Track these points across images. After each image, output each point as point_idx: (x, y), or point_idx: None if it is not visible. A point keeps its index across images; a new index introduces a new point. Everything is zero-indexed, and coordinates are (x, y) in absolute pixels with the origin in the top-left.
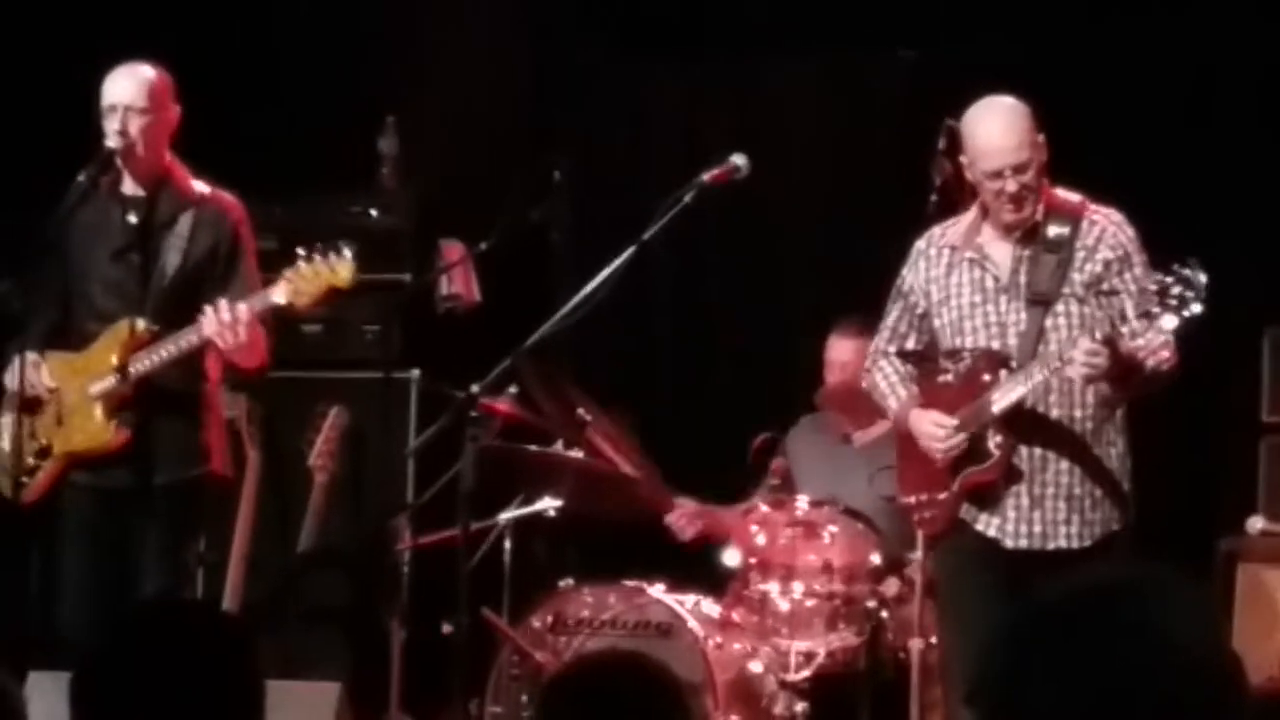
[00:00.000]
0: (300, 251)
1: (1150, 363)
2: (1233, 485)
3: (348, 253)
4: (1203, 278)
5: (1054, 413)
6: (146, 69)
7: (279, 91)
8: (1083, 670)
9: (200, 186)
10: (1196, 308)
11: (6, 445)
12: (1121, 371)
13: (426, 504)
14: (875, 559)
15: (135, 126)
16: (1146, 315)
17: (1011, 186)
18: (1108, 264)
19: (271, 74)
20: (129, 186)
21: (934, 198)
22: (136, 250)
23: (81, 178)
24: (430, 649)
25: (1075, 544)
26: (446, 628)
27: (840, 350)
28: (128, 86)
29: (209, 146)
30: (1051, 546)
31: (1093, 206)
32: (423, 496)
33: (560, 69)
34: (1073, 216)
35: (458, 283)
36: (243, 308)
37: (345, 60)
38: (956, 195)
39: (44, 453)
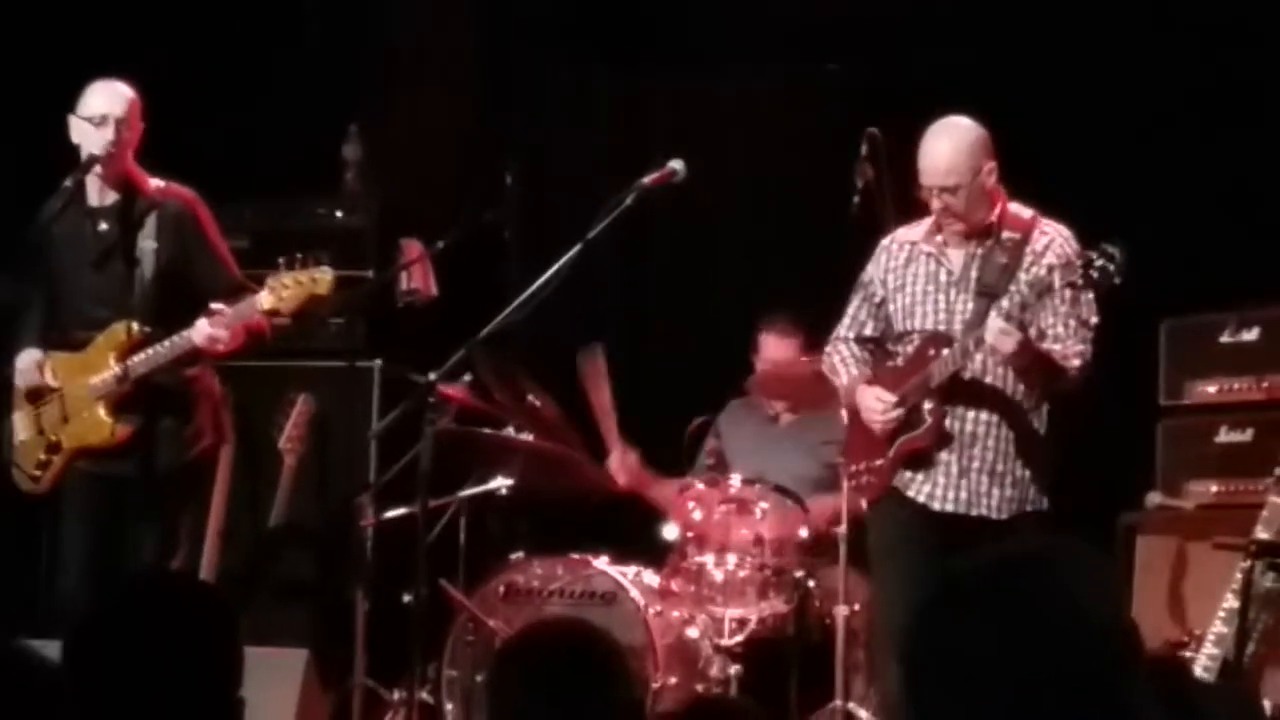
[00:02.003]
0: (281, 261)
1: (1059, 363)
2: (1133, 464)
3: (327, 265)
4: (1122, 256)
5: (985, 396)
6: (128, 89)
7: (250, 100)
8: (1001, 629)
9: (156, 183)
10: (1116, 280)
11: (19, 439)
12: (1030, 359)
13: (388, 483)
14: (803, 533)
15: (120, 137)
16: (1071, 285)
17: (936, 204)
18: (1051, 269)
19: (243, 84)
20: (94, 197)
21: (856, 199)
22: (115, 258)
23: (67, 183)
24: (391, 618)
25: (995, 515)
26: (406, 598)
27: (771, 348)
28: (116, 99)
29: (184, 151)
30: (975, 513)
31: (1044, 221)
32: (384, 476)
33: (513, 79)
34: (1025, 227)
35: (417, 279)
36: (229, 321)
37: (312, 71)
38: (877, 198)
39: (54, 448)
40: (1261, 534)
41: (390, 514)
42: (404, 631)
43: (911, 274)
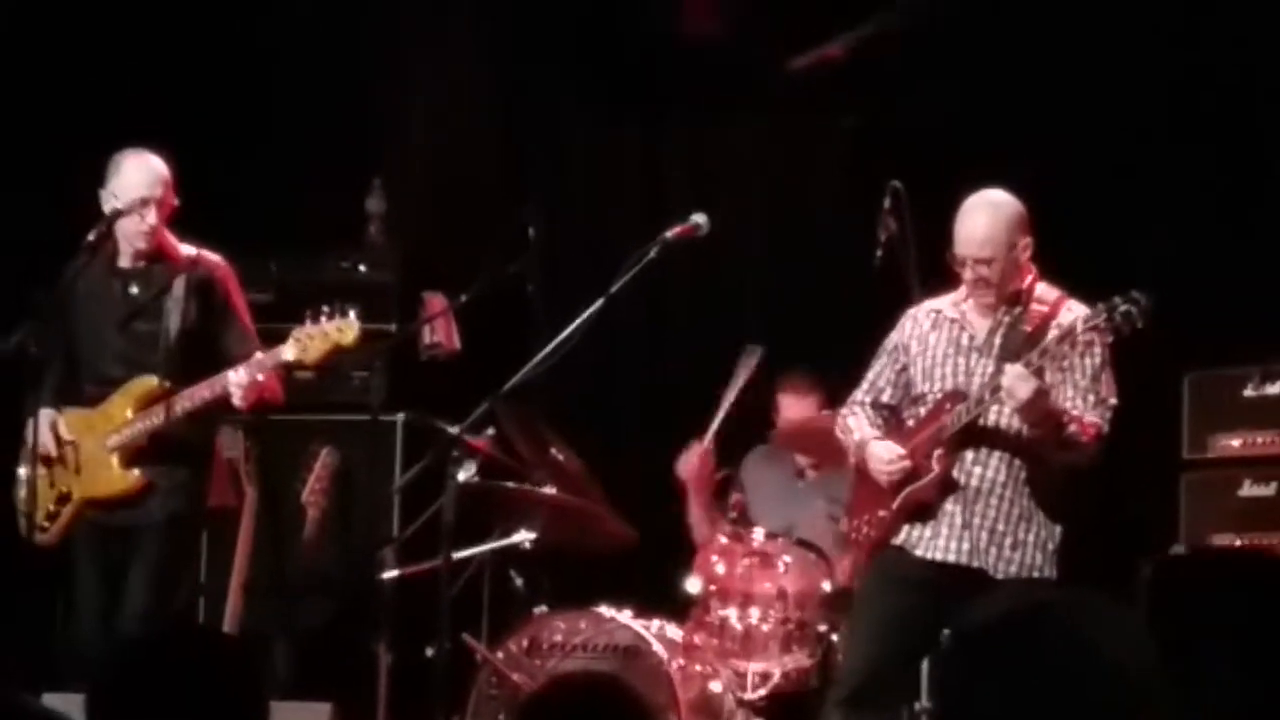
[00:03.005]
0: (308, 313)
1: (1072, 428)
2: (1156, 518)
3: (353, 315)
4: (1147, 301)
5: (995, 454)
6: (161, 164)
7: (275, 156)
8: (1021, 679)
9: (187, 250)
10: (1139, 325)
11: (23, 493)
12: (1043, 412)
13: (411, 537)
14: (826, 586)
15: (160, 216)
16: (1095, 329)
17: (969, 275)
18: (1074, 345)
19: (267, 139)
20: (125, 260)
21: (879, 253)
22: (141, 319)
23: (91, 238)
24: (414, 671)
25: (993, 573)
26: (429, 651)
27: (789, 408)
28: (153, 182)
29: (210, 207)
30: (975, 565)
31: (1070, 300)
32: (407, 530)
33: (534, 134)
34: (1052, 306)
35: (440, 332)
36: (250, 372)
37: (336, 127)
38: (899, 251)
39: (63, 499)
40: None
41: (413, 568)
42: (427, 685)
43: (934, 339)
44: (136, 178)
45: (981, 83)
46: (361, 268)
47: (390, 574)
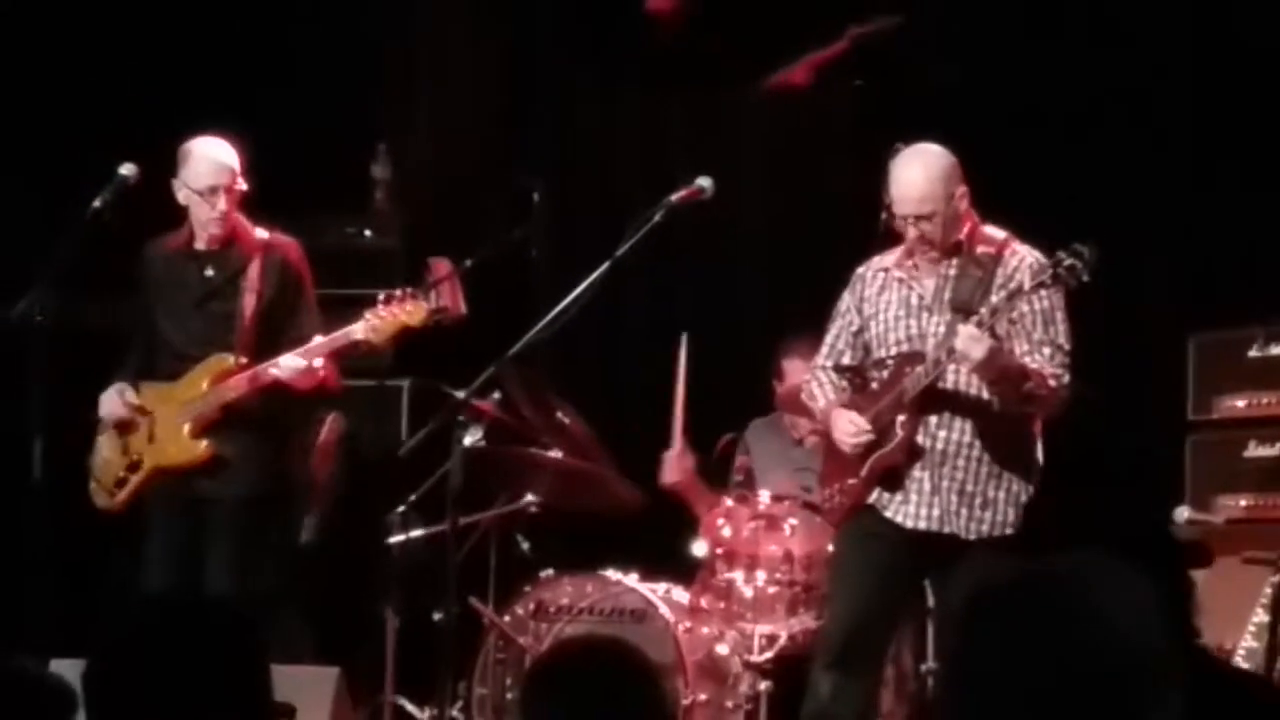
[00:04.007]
0: (381, 296)
1: (1030, 382)
2: (1162, 479)
3: (421, 299)
4: (1090, 253)
5: (958, 415)
6: (230, 151)
7: (278, 120)
8: (1031, 649)
9: (261, 234)
10: (1085, 278)
11: (103, 457)
12: (999, 369)
13: (417, 501)
14: (832, 548)
15: (229, 202)
16: (1041, 285)
17: (912, 232)
18: (1020, 271)
19: (272, 105)
20: (201, 243)
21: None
22: (216, 300)
23: (97, 204)
24: (422, 635)
25: (964, 535)
26: (436, 615)
27: (795, 372)
28: (223, 171)
29: None
30: (947, 530)
31: (1016, 242)
32: (414, 495)
33: (539, 99)
34: (997, 248)
35: (445, 297)
36: (309, 357)
37: (342, 93)
38: None
39: (134, 466)
40: None
41: (420, 532)
42: (434, 649)
43: (885, 301)
44: (204, 167)
45: (986, 46)
46: (367, 233)
47: (397, 539)
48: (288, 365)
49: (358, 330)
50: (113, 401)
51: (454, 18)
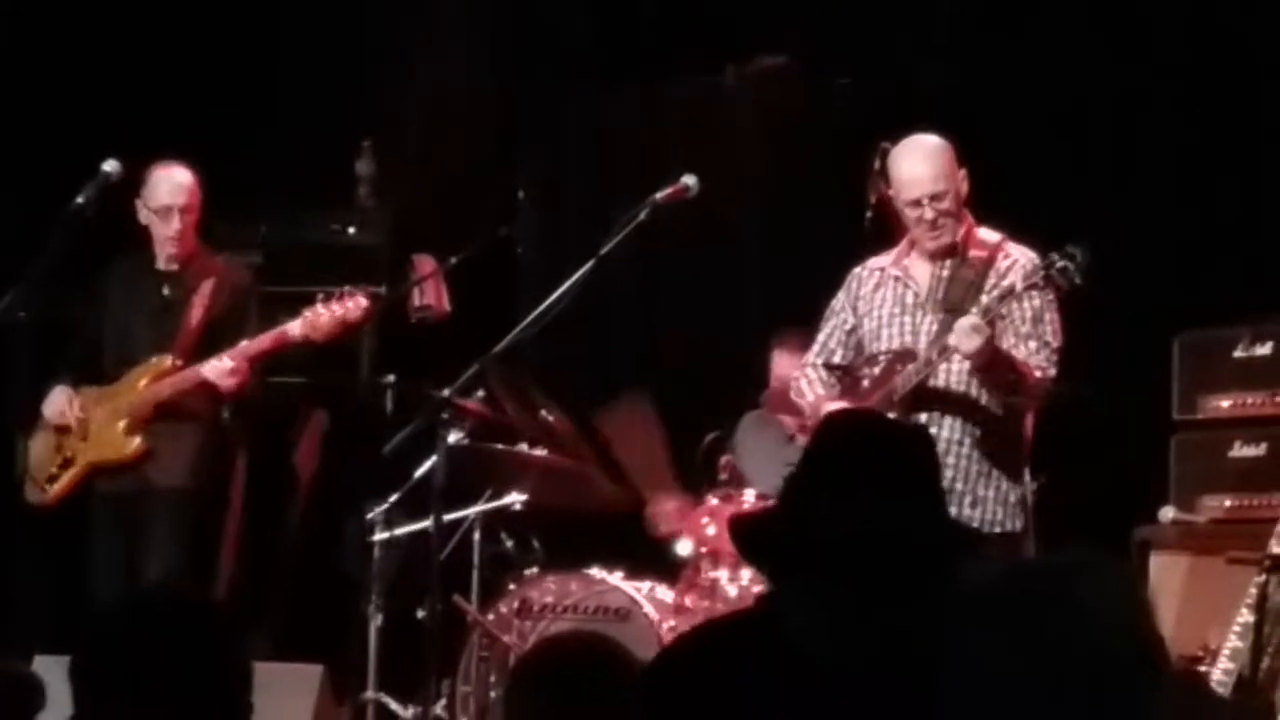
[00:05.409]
0: (320, 296)
1: (1015, 373)
2: (1147, 479)
3: (361, 297)
4: (1082, 256)
5: (948, 413)
6: (186, 173)
7: (263, 116)
8: (1018, 644)
9: (218, 260)
10: (1077, 280)
11: (36, 453)
12: (990, 360)
13: (402, 499)
14: None
15: (184, 223)
16: (1033, 286)
17: (929, 214)
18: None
19: (260, 104)
20: (161, 262)
21: (869, 214)
22: (169, 315)
23: (80, 200)
24: (405, 633)
25: None
26: (420, 613)
27: (784, 365)
28: (178, 191)
29: (204, 171)
30: None
31: (1010, 244)
32: (398, 492)
33: (525, 97)
34: (990, 251)
35: (430, 294)
36: (233, 359)
37: (326, 90)
38: (890, 212)
39: (66, 464)
40: (1276, 548)
41: (404, 529)
42: (418, 647)
43: (879, 299)
44: (162, 187)
45: (976, 45)
46: (351, 230)
47: (381, 536)
48: (214, 366)
49: (295, 327)
50: (60, 406)
51: (442, 13)
